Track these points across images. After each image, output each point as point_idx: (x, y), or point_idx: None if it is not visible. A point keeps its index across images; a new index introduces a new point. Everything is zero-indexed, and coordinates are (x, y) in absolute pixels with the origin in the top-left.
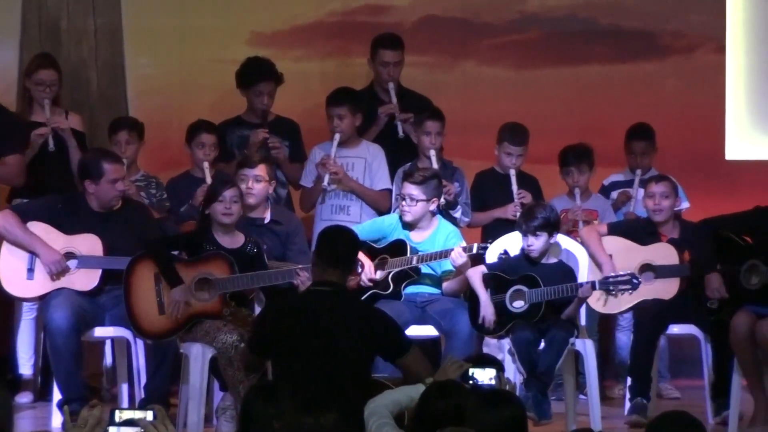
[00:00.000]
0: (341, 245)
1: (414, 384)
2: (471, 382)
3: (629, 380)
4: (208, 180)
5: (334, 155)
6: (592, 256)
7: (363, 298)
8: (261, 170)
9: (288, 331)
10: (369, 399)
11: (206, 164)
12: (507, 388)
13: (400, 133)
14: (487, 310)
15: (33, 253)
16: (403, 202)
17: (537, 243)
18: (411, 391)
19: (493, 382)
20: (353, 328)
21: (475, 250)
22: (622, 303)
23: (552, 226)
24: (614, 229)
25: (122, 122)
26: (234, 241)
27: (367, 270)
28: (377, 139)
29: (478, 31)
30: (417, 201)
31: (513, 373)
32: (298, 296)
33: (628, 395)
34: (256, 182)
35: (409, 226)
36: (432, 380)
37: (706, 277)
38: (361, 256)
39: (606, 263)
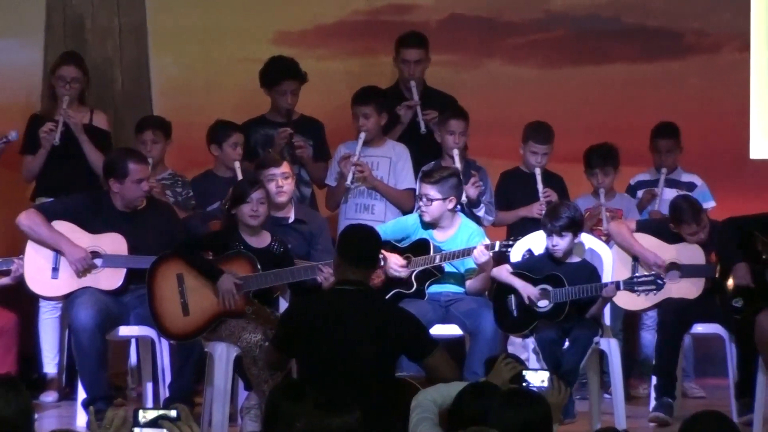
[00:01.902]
0: (364, 243)
1: (442, 382)
2: (524, 384)
3: (654, 379)
4: (240, 178)
5: (358, 154)
6: (626, 249)
7: (387, 297)
8: (287, 167)
9: (312, 329)
10: (393, 398)
11: (237, 163)
12: (561, 391)
13: (422, 129)
14: (527, 290)
15: (58, 252)
16: (421, 203)
17: (562, 243)
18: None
19: (545, 384)
20: (377, 327)
21: (497, 248)
22: (647, 300)
23: (577, 225)
24: (642, 227)
25: (149, 121)
26: (261, 240)
27: (393, 260)
28: (400, 138)
29: (502, 30)
30: (433, 200)
31: None
32: (323, 295)
33: (653, 394)
34: (285, 179)
35: (431, 225)
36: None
37: (733, 267)
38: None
39: (648, 256)
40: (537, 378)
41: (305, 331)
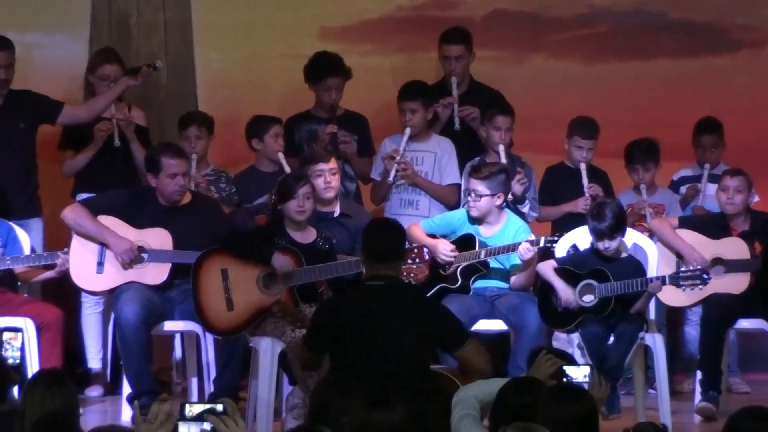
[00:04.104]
0: (386, 237)
1: (473, 374)
2: (565, 379)
3: (699, 374)
4: (287, 169)
5: (403, 149)
6: (669, 246)
7: (431, 292)
8: (334, 163)
9: (344, 327)
10: (429, 391)
11: (281, 154)
12: (601, 386)
13: (457, 125)
14: (566, 294)
15: (103, 245)
16: (469, 198)
17: (614, 244)
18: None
19: (587, 380)
20: (410, 321)
21: (542, 243)
22: (692, 296)
23: (624, 222)
24: (685, 223)
25: (192, 117)
26: (306, 236)
27: (442, 247)
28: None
29: (547, 25)
30: (482, 196)
31: None
32: (353, 292)
33: (698, 389)
34: (333, 175)
35: (478, 220)
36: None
37: None
38: (430, 241)
39: (689, 252)
40: (579, 373)
41: (338, 329)
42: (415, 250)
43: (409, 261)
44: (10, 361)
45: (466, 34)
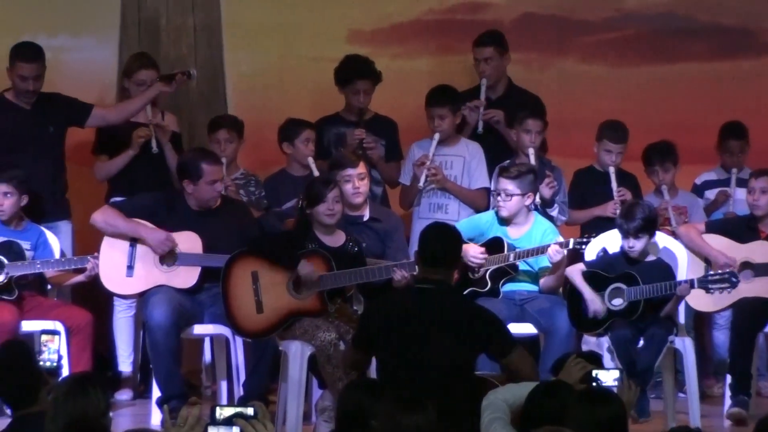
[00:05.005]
0: (439, 243)
1: (521, 382)
2: (595, 383)
3: (729, 378)
4: (316, 174)
5: (432, 156)
6: (698, 253)
7: None
8: (363, 167)
9: (392, 329)
10: (473, 396)
11: (311, 159)
12: (631, 390)
13: (480, 129)
14: (594, 304)
15: (138, 241)
16: (499, 197)
17: (638, 244)
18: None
19: (616, 383)
20: (458, 325)
21: (571, 245)
22: (721, 301)
23: (652, 225)
24: (712, 227)
25: (222, 121)
26: (335, 239)
27: (472, 252)
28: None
29: (575, 29)
30: (512, 196)
31: None
32: (403, 294)
33: (728, 393)
34: (361, 180)
35: (506, 222)
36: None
37: None
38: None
39: (718, 257)
40: (609, 377)
41: (385, 330)
42: None
43: None
44: (48, 363)
45: (497, 37)
